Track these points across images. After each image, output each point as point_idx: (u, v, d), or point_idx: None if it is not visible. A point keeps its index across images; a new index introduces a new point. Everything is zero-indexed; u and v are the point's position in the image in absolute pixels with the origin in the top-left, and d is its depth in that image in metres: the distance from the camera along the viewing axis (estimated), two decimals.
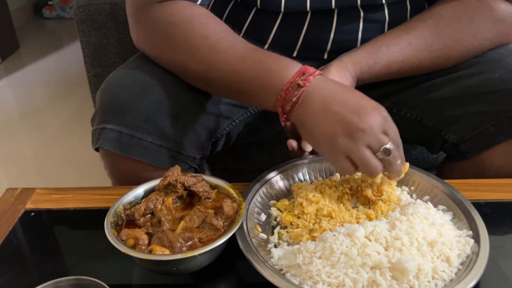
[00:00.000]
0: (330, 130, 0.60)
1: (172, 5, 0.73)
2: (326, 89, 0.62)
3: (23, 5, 3.66)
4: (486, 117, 0.73)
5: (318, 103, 0.61)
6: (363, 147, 0.60)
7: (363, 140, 0.59)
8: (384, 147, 0.60)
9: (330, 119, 0.60)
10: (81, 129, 2.00)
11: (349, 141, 0.59)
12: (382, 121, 0.61)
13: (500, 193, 0.71)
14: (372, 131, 0.59)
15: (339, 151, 0.60)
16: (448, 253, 0.55)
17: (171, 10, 0.72)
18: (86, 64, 1.11)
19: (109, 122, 0.71)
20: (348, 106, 0.60)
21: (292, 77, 0.63)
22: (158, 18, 0.73)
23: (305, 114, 0.62)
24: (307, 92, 0.62)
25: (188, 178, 0.63)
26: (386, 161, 0.61)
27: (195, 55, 0.70)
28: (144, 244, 0.55)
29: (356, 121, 0.59)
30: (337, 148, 0.60)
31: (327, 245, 0.54)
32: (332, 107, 0.61)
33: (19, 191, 0.75)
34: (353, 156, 0.60)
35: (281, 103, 0.63)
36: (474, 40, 0.76)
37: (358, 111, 0.60)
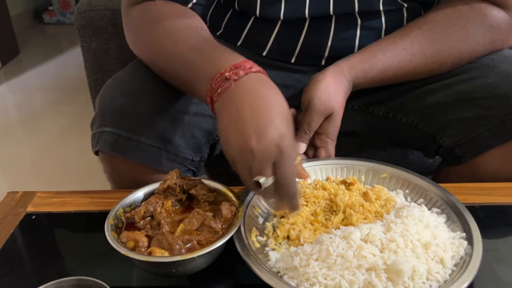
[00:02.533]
0: (230, 134, 0.57)
1: (150, 4, 0.75)
2: (251, 91, 0.58)
3: (24, 10, 3.68)
4: (480, 122, 0.74)
5: (235, 102, 0.58)
6: (243, 166, 0.56)
7: (247, 160, 0.55)
8: (255, 179, 0.55)
9: (235, 125, 0.57)
10: (80, 134, 2.01)
11: (237, 153, 0.56)
12: (276, 153, 0.54)
13: (494, 197, 0.72)
14: (259, 156, 0.54)
15: (229, 157, 0.58)
16: (442, 255, 0.56)
17: (148, 8, 0.75)
18: (86, 69, 1.12)
19: (108, 126, 0.72)
20: (255, 120, 0.56)
21: (225, 68, 0.60)
22: (136, 16, 0.76)
23: (222, 109, 0.59)
24: (232, 87, 0.58)
25: (187, 181, 0.64)
26: (256, 192, 0.58)
27: (159, 51, 0.72)
28: (143, 246, 0.56)
29: (251, 139, 0.55)
30: (229, 152, 0.58)
31: (323, 247, 0.55)
32: (243, 113, 0.56)
33: (20, 195, 0.76)
34: (234, 167, 0.58)
35: (210, 93, 0.61)
36: (467, 46, 0.77)
37: (260, 130, 0.55)
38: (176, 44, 0.69)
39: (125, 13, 0.79)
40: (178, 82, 0.71)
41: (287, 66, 0.88)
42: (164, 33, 0.71)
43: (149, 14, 0.75)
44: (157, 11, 0.74)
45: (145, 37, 0.75)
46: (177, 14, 0.74)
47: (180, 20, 0.73)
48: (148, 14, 0.75)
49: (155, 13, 0.74)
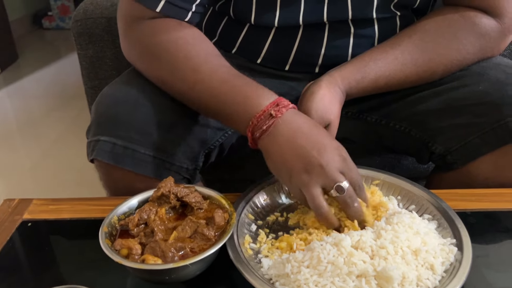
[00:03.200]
0: (290, 162, 0.63)
1: (160, 22, 0.75)
2: (295, 122, 0.65)
3: (23, 16, 3.69)
4: (472, 128, 0.75)
5: (285, 134, 0.64)
6: (315, 184, 0.61)
7: (318, 177, 0.61)
8: (337, 184, 0.61)
9: (292, 152, 0.63)
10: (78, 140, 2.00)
11: (305, 175, 0.62)
12: (340, 161, 0.62)
13: (486, 203, 0.73)
14: (328, 168, 0.61)
15: (294, 183, 0.63)
16: (432, 261, 0.57)
17: (159, 28, 0.75)
18: (83, 76, 1.13)
19: (103, 134, 0.73)
20: (311, 142, 0.63)
21: (266, 106, 0.65)
22: (146, 35, 0.75)
23: (272, 144, 0.64)
24: (277, 123, 0.64)
25: (181, 189, 0.65)
26: (341, 200, 0.62)
27: (177, 75, 0.72)
28: (137, 253, 0.57)
29: (315, 157, 0.61)
30: (294, 180, 0.63)
31: (314, 254, 0.56)
32: (297, 140, 0.63)
33: (16, 202, 0.76)
34: (304, 192, 0.62)
35: (252, 129, 0.66)
36: (458, 54, 0.78)
37: (318, 147, 0.62)
38: (199, 73, 0.71)
39: (127, 27, 0.77)
40: (202, 110, 0.74)
41: (281, 74, 0.89)
42: (185, 61, 0.72)
43: (161, 38, 0.74)
44: (171, 35, 0.74)
45: (158, 60, 0.74)
46: (192, 39, 0.75)
47: (198, 45, 0.74)
48: (160, 37, 0.74)
49: (168, 38, 0.74)
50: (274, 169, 0.66)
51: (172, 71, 0.73)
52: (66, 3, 3.76)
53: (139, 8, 0.75)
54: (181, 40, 0.74)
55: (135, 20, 0.76)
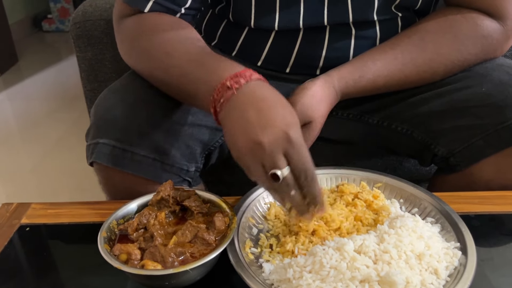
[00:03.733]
0: (236, 136, 0.57)
1: (143, 16, 0.76)
2: (254, 95, 0.59)
3: (22, 18, 3.69)
4: (475, 130, 0.74)
5: (239, 107, 0.58)
6: (254, 163, 0.56)
7: (257, 156, 0.55)
8: (272, 171, 0.55)
9: (239, 126, 0.57)
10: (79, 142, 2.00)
11: (246, 152, 0.56)
12: (285, 142, 0.55)
13: (489, 206, 0.72)
14: (269, 148, 0.55)
15: (240, 161, 0.58)
16: (436, 266, 0.56)
17: (140, 20, 0.76)
18: (82, 79, 1.12)
19: (102, 137, 0.72)
20: (259, 117, 0.56)
21: (226, 78, 0.60)
22: (129, 28, 0.77)
23: (227, 117, 0.59)
24: (235, 96, 0.59)
25: (181, 193, 0.64)
26: (277, 187, 0.56)
27: (155, 62, 0.72)
28: (136, 259, 0.56)
29: (257, 133, 0.55)
30: (239, 157, 0.58)
31: (317, 259, 0.55)
32: (246, 113, 0.57)
33: (15, 206, 0.76)
34: (248, 175, 0.58)
35: (213, 104, 0.61)
36: (459, 55, 0.77)
37: (265, 124, 0.55)
38: (173, 55, 0.69)
39: (117, 24, 0.79)
40: (177, 94, 0.71)
41: (282, 76, 0.88)
42: (160, 44, 0.71)
43: (142, 26, 0.75)
44: (151, 23, 0.75)
45: (139, 49, 0.75)
46: (172, 25, 0.74)
47: (175, 31, 0.73)
48: (142, 26, 0.75)
49: (148, 25, 0.75)
50: (228, 143, 0.60)
51: (150, 59, 0.72)
52: (66, 6, 3.76)
53: (128, 8, 0.77)
54: (160, 27, 0.74)
55: (122, 16, 0.78)
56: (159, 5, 0.75)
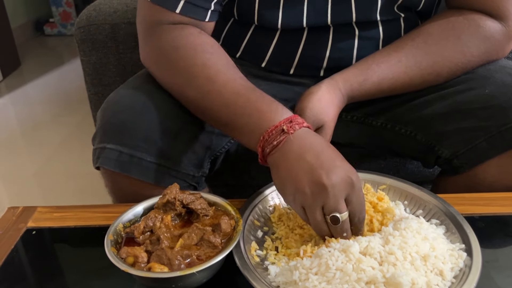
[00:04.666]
0: (297, 178, 0.59)
1: (179, 29, 0.75)
2: (308, 140, 0.62)
3: (25, 23, 3.70)
4: (478, 132, 0.74)
5: (296, 151, 0.61)
6: (316, 207, 0.59)
7: (320, 198, 0.58)
8: (332, 215, 0.58)
9: (300, 168, 0.60)
10: (82, 145, 2.01)
11: (308, 196, 0.58)
12: (348, 187, 0.58)
13: (494, 207, 0.72)
14: (333, 192, 0.57)
15: (298, 202, 0.60)
16: (441, 267, 0.56)
17: (178, 34, 0.74)
18: (86, 83, 1.13)
19: (109, 142, 0.73)
20: (321, 161, 0.59)
21: (279, 122, 0.63)
22: (164, 39, 0.75)
23: (281, 159, 0.62)
24: (289, 139, 0.62)
25: (187, 195, 0.64)
26: (332, 227, 0.60)
27: (192, 82, 0.71)
28: (143, 261, 0.56)
29: (322, 177, 0.58)
30: (297, 198, 0.60)
31: (322, 261, 0.55)
32: (306, 157, 0.60)
33: (21, 210, 0.76)
34: (307, 212, 0.60)
35: (262, 144, 0.64)
36: (462, 57, 0.77)
37: (328, 168, 0.59)
38: (214, 83, 0.70)
39: (146, 31, 0.77)
40: (212, 119, 0.72)
41: (286, 79, 0.89)
42: (201, 69, 0.71)
43: (179, 43, 0.73)
44: (188, 41, 0.73)
45: (174, 66, 0.73)
46: (210, 47, 0.74)
47: (214, 57, 0.73)
48: (178, 42, 0.74)
49: (185, 44, 0.73)
50: (279, 185, 0.63)
51: (188, 78, 0.72)
52: (68, 10, 3.77)
53: (158, 10, 0.75)
54: (199, 48, 0.73)
55: (154, 24, 0.76)
56: (190, 4, 0.74)
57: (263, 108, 0.66)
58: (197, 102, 0.72)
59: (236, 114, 0.67)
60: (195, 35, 0.74)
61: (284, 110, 0.66)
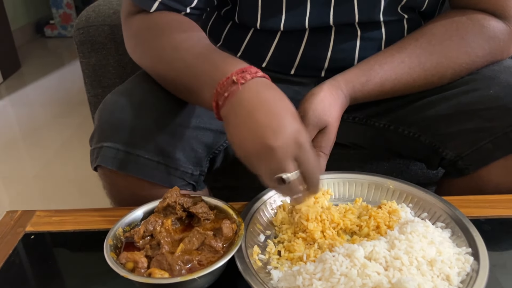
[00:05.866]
0: (243, 137, 0.58)
1: (149, 14, 0.77)
2: (260, 93, 0.59)
3: (25, 25, 3.70)
4: (483, 133, 0.73)
5: (246, 106, 0.58)
6: (261, 166, 0.57)
7: (265, 159, 0.56)
8: (277, 176, 0.56)
9: (247, 127, 0.57)
10: (82, 147, 1.99)
11: (254, 155, 0.57)
12: (295, 147, 0.56)
13: (500, 210, 0.71)
14: (279, 153, 0.55)
15: (245, 159, 0.58)
16: (448, 272, 0.55)
17: (147, 18, 0.76)
18: (86, 84, 1.12)
19: (107, 140, 0.72)
20: (269, 119, 0.57)
21: (231, 72, 0.60)
22: (136, 25, 0.78)
23: (232, 113, 0.59)
24: (240, 91, 0.59)
25: (187, 199, 0.63)
26: (279, 188, 0.59)
27: (160, 57, 0.72)
28: (143, 267, 0.55)
29: (268, 137, 0.56)
30: (244, 156, 0.58)
31: (326, 266, 0.54)
32: (255, 114, 0.57)
33: (19, 214, 0.75)
34: (260, 179, 0.59)
35: (216, 98, 0.61)
36: (467, 57, 0.76)
37: (276, 127, 0.56)
38: (178, 51, 0.69)
39: (124, 22, 0.81)
40: (180, 89, 0.71)
41: (286, 78, 0.88)
42: (166, 39, 0.72)
43: (148, 23, 0.76)
44: (158, 20, 0.76)
45: (145, 43, 0.76)
46: (178, 23, 0.75)
47: (181, 28, 0.74)
48: (148, 23, 0.76)
49: (155, 22, 0.76)
50: (230, 140, 0.61)
51: (157, 54, 0.73)
52: (68, 11, 3.77)
53: (135, 6, 0.78)
54: (167, 25, 0.74)
55: (130, 14, 0.79)
56: (165, 5, 0.76)
57: (219, 63, 0.63)
58: (165, 74, 0.72)
59: (195, 75, 0.66)
60: (162, 14, 0.76)
61: (240, 63, 0.62)
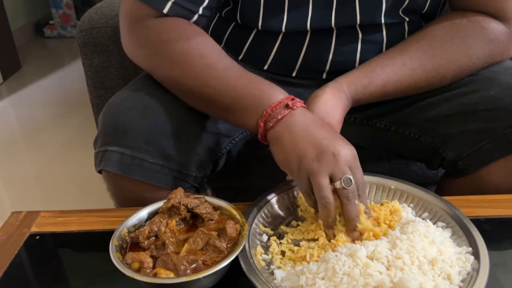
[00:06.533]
0: (303, 148, 0.63)
1: (168, 21, 0.75)
2: (309, 116, 0.67)
3: (25, 25, 3.69)
4: (483, 134, 0.74)
5: (300, 124, 0.65)
6: (324, 172, 0.61)
7: (328, 165, 0.61)
8: (345, 176, 0.61)
9: (306, 139, 0.63)
10: (83, 147, 2.01)
11: (315, 162, 0.61)
12: (352, 157, 0.63)
13: (500, 209, 0.72)
14: (340, 159, 0.61)
15: (304, 170, 0.62)
16: (449, 271, 0.56)
17: (168, 26, 0.75)
18: (88, 86, 1.12)
19: (111, 144, 0.72)
20: (325, 133, 0.64)
21: (282, 98, 0.67)
22: (154, 33, 0.75)
23: (285, 131, 0.65)
24: (292, 113, 0.65)
25: (191, 200, 0.64)
26: (343, 193, 0.61)
27: (191, 72, 0.72)
28: (149, 267, 0.56)
29: (328, 145, 0.62)
30: (303, 166, 0.62)
31: (329, 266, 0.55)
32: (311, 129, 0.64)
33: (24, 215, 0.75)
34: (312, 179, 0.62)
35: (265, 119, 0.66)
36: (467, 59, 0.77)
37: (333, 139, 0.63)
38: (214, 70, 0.71)
39: (132, 27, 0.77)
40: (212, 106, 0.73)
41: (288, 80, 0.89)
42: (197, 54, 0.72)
43: (171, 32, 0.74)
44: (180, 29, 0.75)
45: (168, 56, 0.74)
46: (203, 35, 0.75)
47: (209, 42, 0.75)
48: (170, 31, 0.74)
49: (178, 31, 0.74)
50: (282, 157, 0.65)
51: (185, 69, 0.73)
52: (68, 12, 3.77)
53: (145, 8, 0.75)
54: (193, 39, 0.74)
55: (140, 19, 0.76)
56: (178, 5, 0.75)
57: (265, 88, 0.69)
58: (197, 91, 0.72)
59: (238, 96, 0.69)
60: (185, 26, 0.76)
61: (283, 90, 0.69)
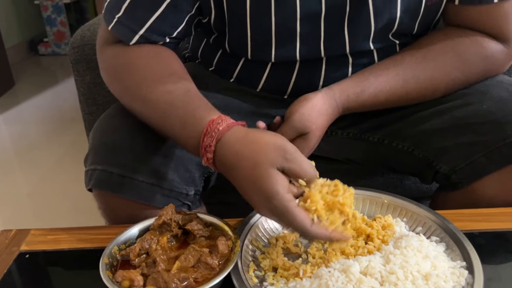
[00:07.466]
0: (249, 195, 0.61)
1: (130, 47, 0.76)
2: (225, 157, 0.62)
3: (19, 42, 3.70)
4: (477, 147, 0.74)
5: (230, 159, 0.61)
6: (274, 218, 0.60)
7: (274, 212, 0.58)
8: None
9: (242, 191, 0.62)
10: (76, 164, 1.98)
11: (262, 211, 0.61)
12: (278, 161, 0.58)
13: (493, 223, 0.71)
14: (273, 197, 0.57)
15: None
16: (443, 286, 0.55)
17: (126, 52, 0.76)
18: (81, 102, 1.12)
19: (101, 163, 0.72)
20: (245, 181, 0.61)
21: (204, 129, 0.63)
22: (113, 56, 0.77)
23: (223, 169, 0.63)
24: (218, 146, 0.62)
25: (183, 216, 0.63)
26: None
27: (136, 96, 0.72)
28: (139, 285, 0.55)
29: (259, 208, 0.61)
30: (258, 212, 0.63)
31: (322, 282, 0.55)
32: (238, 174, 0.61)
33: (14, 233, 0.74)
34: None
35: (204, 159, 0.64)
36: (461, 74, 0.77)
37: (253, 184, 0.59)
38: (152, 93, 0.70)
39: (100, 51, 0.79)
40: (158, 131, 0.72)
41: (282, 99, 0.88)
42: (143, 78, 0.72)
43: (121, 58, 0.75)
44: (134, 57, 0.75)
45: (119, 80, 0.75)
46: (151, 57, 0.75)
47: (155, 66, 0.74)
48: (125, 59, 0.75)
49: (132, 61, 0.75)
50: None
51: (131, 93, 0.73)
52: (62, 29, 3.78)
53: (113, 36, 0.77)
54: (142, 60, 0.74)
55: (104, 44, 0.78)
56: (145, 39, 0.75)
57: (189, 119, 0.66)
58: (144, 115, 0.72)
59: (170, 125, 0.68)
60: (138, 49, 0.75)
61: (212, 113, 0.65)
